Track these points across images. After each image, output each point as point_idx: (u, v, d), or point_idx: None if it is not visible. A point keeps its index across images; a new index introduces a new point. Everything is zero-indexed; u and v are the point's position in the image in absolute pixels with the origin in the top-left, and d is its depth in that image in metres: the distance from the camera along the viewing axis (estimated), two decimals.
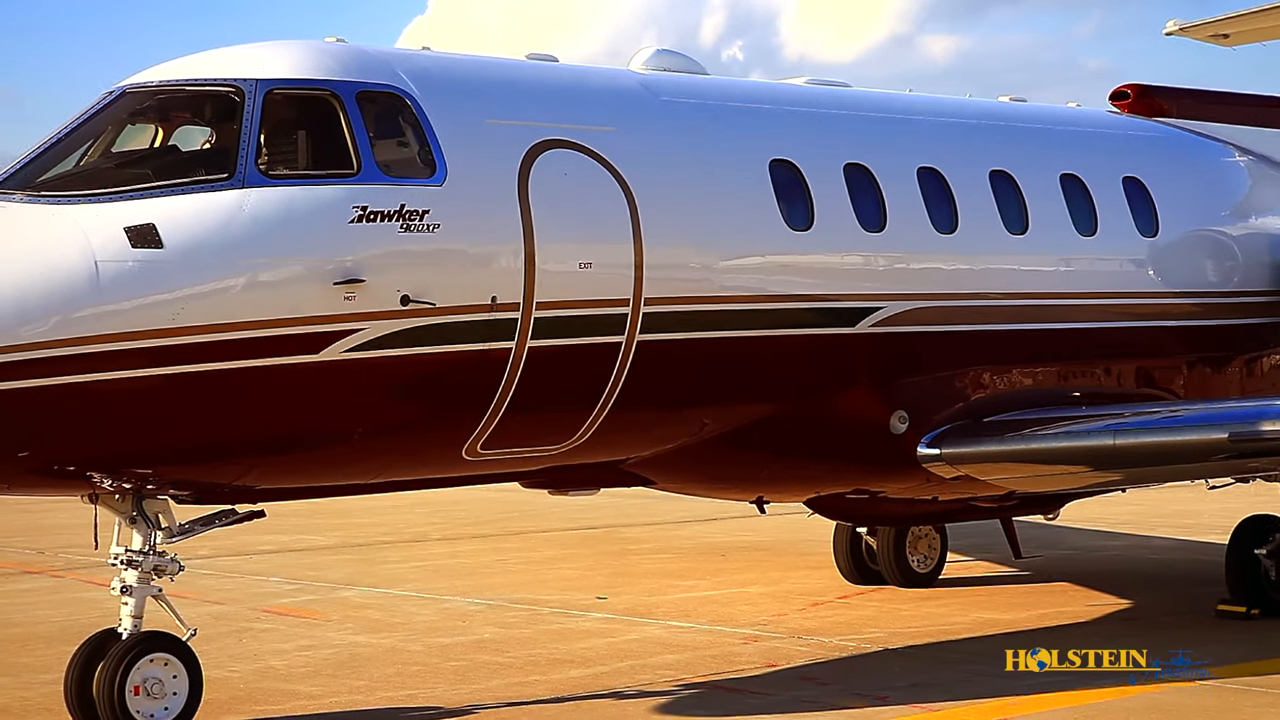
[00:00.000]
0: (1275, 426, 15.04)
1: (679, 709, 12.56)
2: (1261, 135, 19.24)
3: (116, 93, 12.30)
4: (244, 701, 12.74)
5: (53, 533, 21.77)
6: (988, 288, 15.67)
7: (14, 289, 10.80)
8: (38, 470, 11.37)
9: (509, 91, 13.47)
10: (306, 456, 12.34)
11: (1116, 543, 21.59)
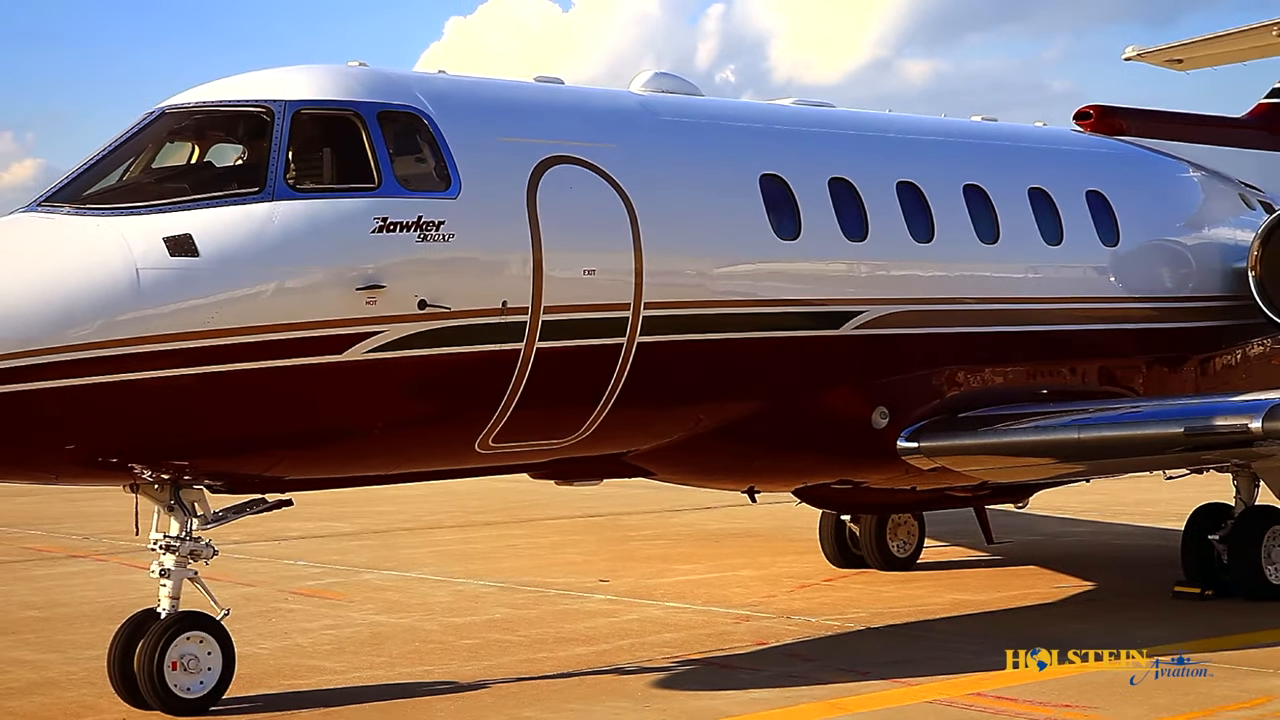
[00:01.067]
0: (1227, 422, 15.05)
1: (676, 684, 12.54)
2: (1212, 152, 19.24)
3: (156, 113, 12.33)
4: (273, 676, 12.72)
5: (97, 520, 21.76)
6: (962, 293, 15.68)
7: (62, 294, 10.84)
8: (83, 462, 11.39)
9: (518, 111, 13.48)
10: (331, 450, 12.34)
11: (1081, 529, 21.58)
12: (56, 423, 10.91)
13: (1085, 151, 18.19)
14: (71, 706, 11.90)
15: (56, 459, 11.34)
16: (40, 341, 10.68)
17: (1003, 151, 17.33)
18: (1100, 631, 14.34)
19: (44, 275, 10.94)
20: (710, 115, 15.24)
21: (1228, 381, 18.15)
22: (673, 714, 11.48)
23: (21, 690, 12.55)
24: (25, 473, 11.86)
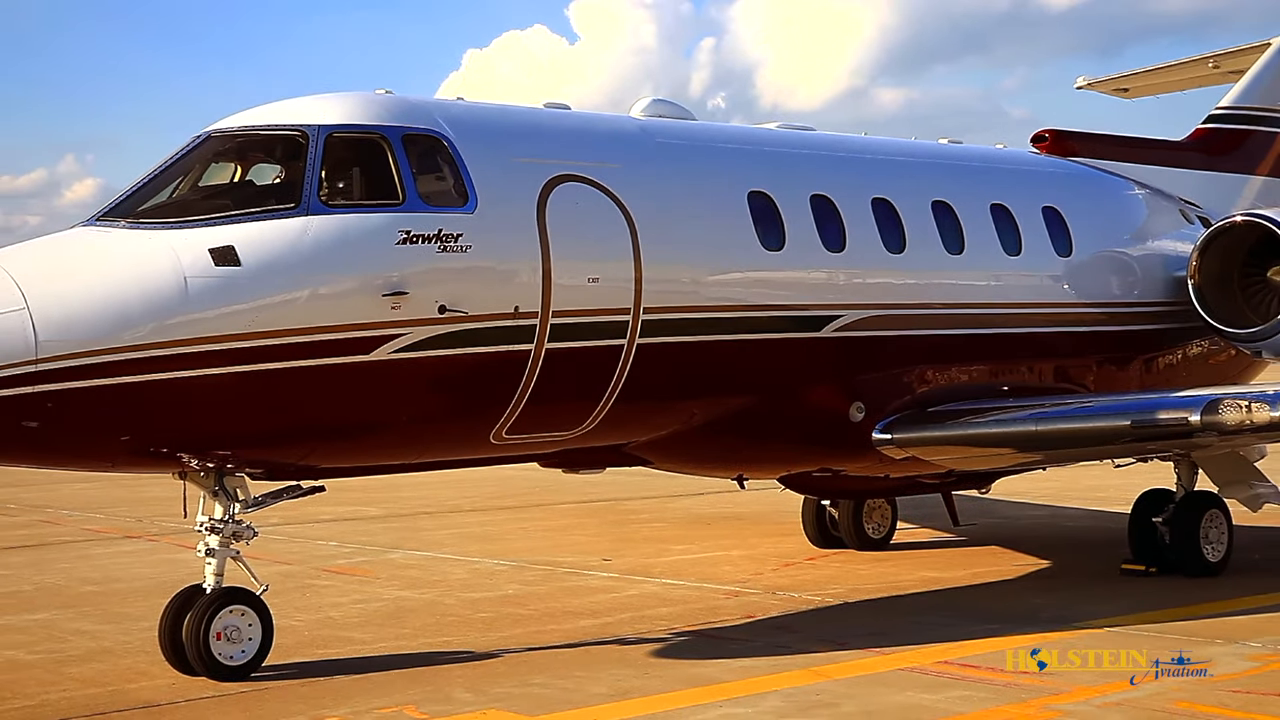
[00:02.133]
0: (1169, 415, 15.07)
1: (673, 653, 12.53)
2: (1155, 172, 19.24)
3: (202, 137, 12.34)
4: (307, 646, 12.71)
5: (149, 504, 21.75)
6: (931, 299, 15.67)
7: (117, 301, 10.90)
8: (136, 451, 11.41)
9: (529, 134, 13.47)
10: (360, 441, 12.35)
11: (1038, 512, 21.56)
12: (112, 417, 10.94)
13: (1041, 171, 18.18)
14: (126, 673, 11.90)
15: (112, 449, 11.37)
16: (98, 343, 10.72)
17: (967, 171, 17.33)
18: (1056, 605, 14.35)
19: (101, 283, 10.97)
20: (703, 138, 15.23)
21: (1170, 379, 18.13)
22: (670, 680, 11.47)
23: (81, 658, 12.57)
24: (85, 462, 11.87)
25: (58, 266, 11.08)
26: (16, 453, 11.27)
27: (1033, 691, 10.95)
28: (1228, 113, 20.81)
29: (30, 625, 13.99)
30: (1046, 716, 10.30)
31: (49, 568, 17.60)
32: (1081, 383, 17.20)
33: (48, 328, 10.56)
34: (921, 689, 11.11)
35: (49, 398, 10.60)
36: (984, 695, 10.92)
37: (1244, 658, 12.06)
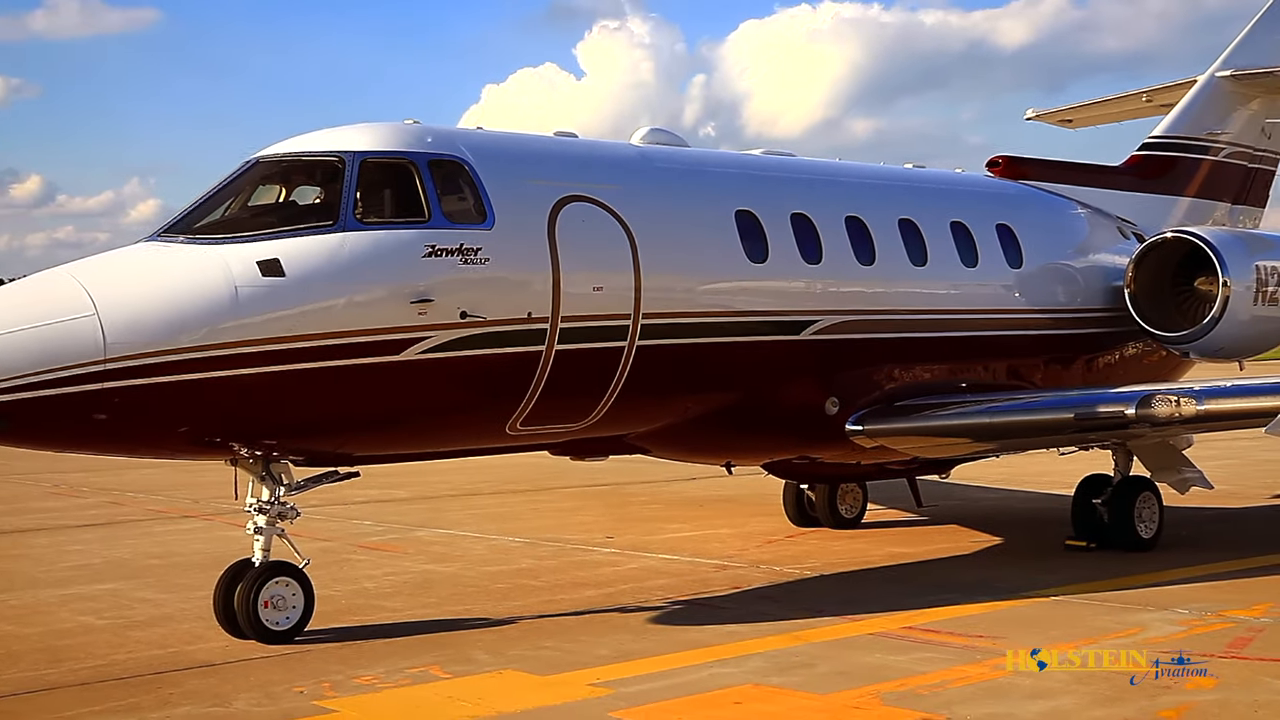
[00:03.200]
0: (1108, 409, 15.13)
1: (668, 619, 12.54)
2: (1096, 194, 19.23)
3: (251, 162, 12.35)
4: (344, 613, 12.71)
5: (204, 487, 21.75)
6: (897, 306, 15.67)
7: (176, 307, 10.93)
8: (193, 442, 11.45)
9: (540, 159, 13.47)
10: (390, 431, 12.35)
11: (992, 495, 21.56)
12: (172, 410, 10.97)
13: (995, 192, 18.17)
14: (185, 636, 11.93)
15: (172, 440, 11.41)
16: (159, 345, 10.74)
17: (929, 192, 17.32)
18: (1009, 576, 14.35)
19: (162, 291, 10.99)
20: (695, 162, 15.23)
21: (1108, 377, 18.13)
22: (665, 643, 11.48)
23: (146, 623, 12.60)
24: (147, 450, 11.89)
25: (124, 277, 11.11)
26: (87, 442, 11.31)
27: (985, 654, 10.97)
28: (1159, 141, 20.83)
29: (100, 594, 14.00)
30: (996, 675, 10.32)
31: (116, 543, 17.62)
32: (1031, 380, 17.20)
33: (115, 331, 10.59)
34: (888, 651, 11.13)
35: (116, 393, 10.63)
36: (943, 656, 10.95)
37: (1173, 622, 12.08)
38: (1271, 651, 10.99)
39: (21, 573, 15.46)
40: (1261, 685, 9.95)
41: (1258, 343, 18.77)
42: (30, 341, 10.45)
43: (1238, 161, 21.34)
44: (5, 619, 12.85)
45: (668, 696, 9.81)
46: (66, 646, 11.67)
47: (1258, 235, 19.96)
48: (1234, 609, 12.57)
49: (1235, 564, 15.07)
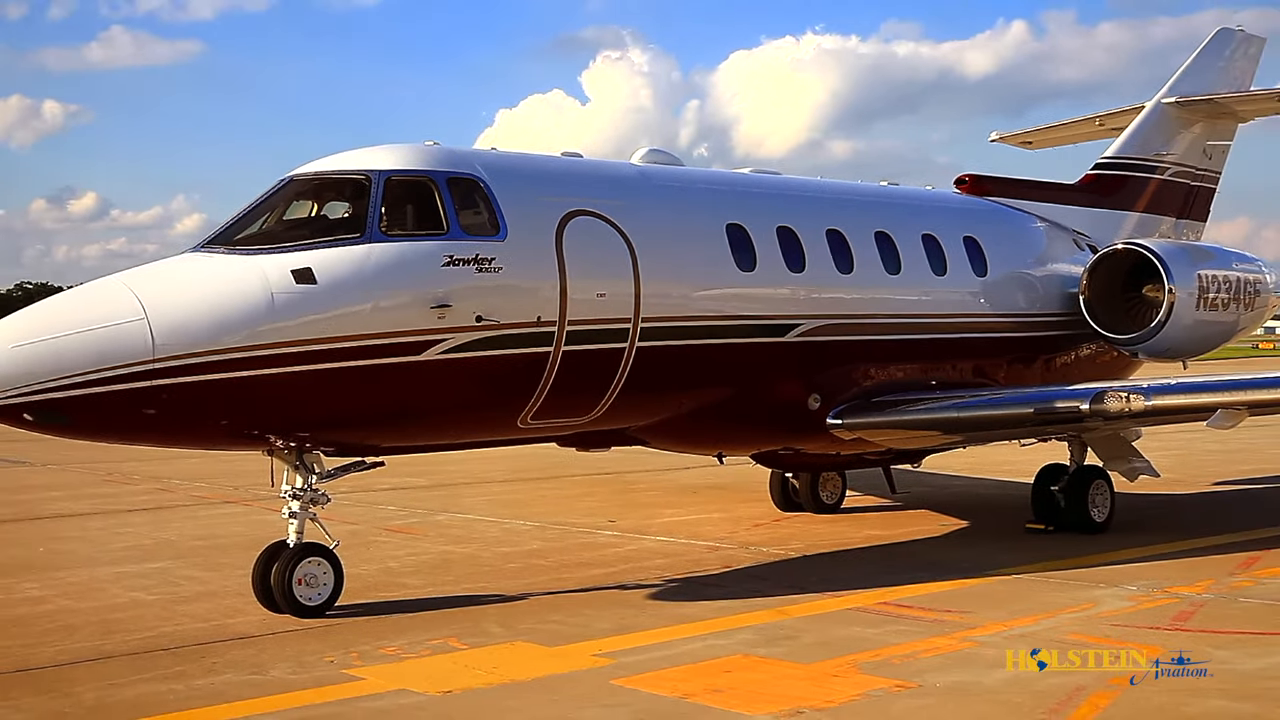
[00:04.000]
0: (1064, 404, 15.15)
1: (665, 596, 12.54)
2: (1054, 209, 19.24)
3: (286, 180, 12.34)
4: (371, 590, 12.72)
5: (244, 475, 21.73)
6: (874, 311, 15.66)
7: (218, 311, 10.94)
8: (233, 434, 11.44)
9: (549, 177, 13.46)
10: (412, 425, 12.34)
11: (959, 483, 21.56)
12: (214, 405, 10.97)
13: (962, 208, 18.17)
14: (227, 610, 11.93)
15: (214, 432, 11.41)
16: (203, 346, 10.75)
17: (902, 207, 17.31)
18: (974, 556, 14.36)
19: (205, 297, 10.99)
20: (689, 180, 15.23)
21: (1065, 376, 18.13)
22: (662, 618, 11.49)
23: (192, 597, 12.62)
24: (192, 442, 11.91)
25: (171, 284, 11.11)
26: (138, 434, 11.32)
27: (954, 627, 10.98)
28: (1110, 161, 20.84)
29: (149, 572, 14.00)
30: (963, 645, 10.34)
31: (164, 526, 17.61)
32: (994, 378, 17.20)
33: (162, 333, 10.60)
34: (865, 624, 11.15)
35: (164, 390, 10.64)
36: (915, 629, 10.96)
37: (1123, 598, 12.11)
38: (1212, 624, 11.01)
39: (78, 553, 15.46)
40: (1206, 656, 9.94)
41: (1200, 344, 18.83)
42: (86, 343, 10.47)
43: (1181, 180, 21.36)
44: (64, 595, 12.85)
45: (664, 666, 9.81)
46: (119, 620, 11.67)
47: (1200, 247, 20.00)
48: (1178, 586, 12.58)
49: (1180, 545, 15.07)
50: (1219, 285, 18.36)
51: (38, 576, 13.83)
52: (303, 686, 9.40)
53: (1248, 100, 21.54)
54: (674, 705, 8.82)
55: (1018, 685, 9.16)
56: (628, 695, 9.07)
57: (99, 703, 9.11)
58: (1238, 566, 13.69)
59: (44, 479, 23.65)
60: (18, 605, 12.38)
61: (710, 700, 8.89)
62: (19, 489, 22.26)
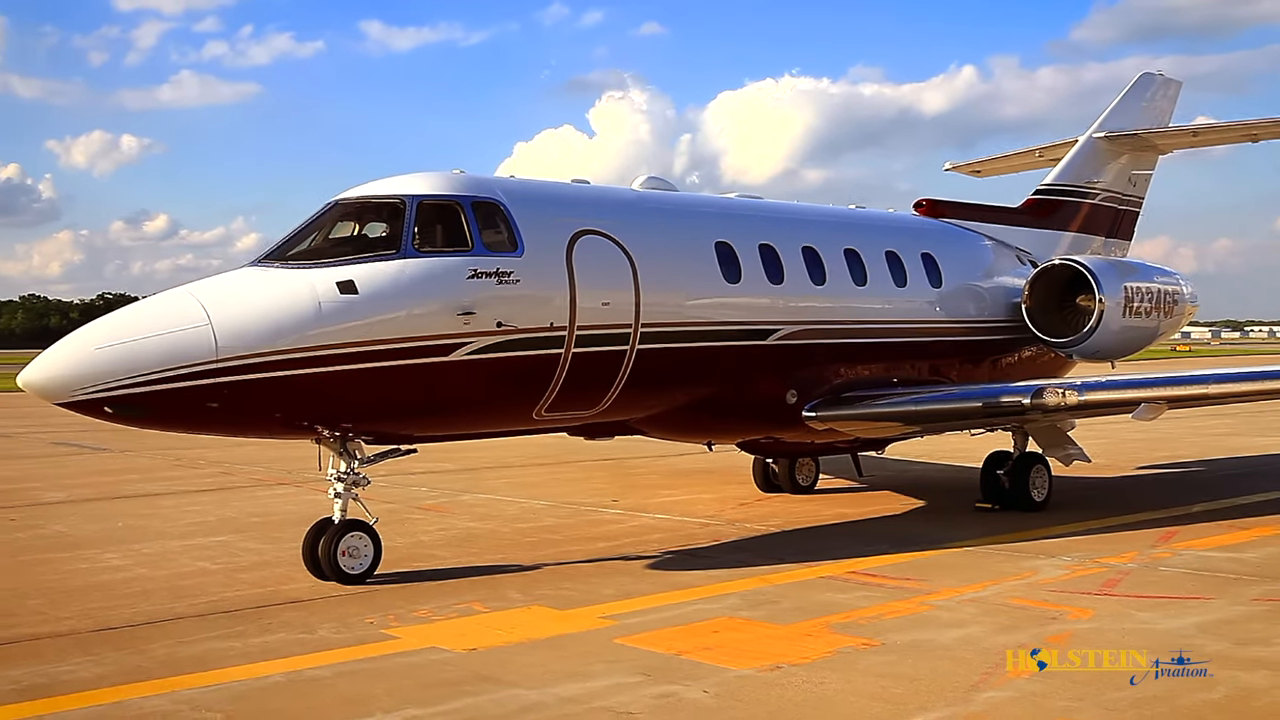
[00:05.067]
0: (1009, 399, 15.15)
1: (661, 566, 12.53)
2: (999, 229, 19.24)
3: (332, 203, 12.33)
4: (406, 561, 12.70)
5: (295, 460, 21.72)
6: (843, 318, 15.64)
7: (272, 318, 10.92)
8: (285, 425, 11.43)
9: (560, 201, 13.45)
10: (441, 417, 12.32)
11: (917, 467, 21.56)
12: (269, 400, 10.94)
13: (920, 228, 18.17)
14: (280, 577, 11.92)
15: (268, 423, 11.38)
16: (259, 348, 10.73)
17: (868, 227, 17.30)
18: (929, 531, 14.35)
19: (262, 306, 10.97)
20: (682, 203, 15.21)
21: (1009, 374, 18.14)
22: (659, 585, 11.48)
23: (250, 566, 12.61)
24: (249, 431, 11.87)
25: (231, 294, 11.09)
26: (202, 424, 11.30)
27: (912, 593, 10.97)
28: (1049, 188, 20.85)
29: (213, 545, 13.99)
30: (921, 609, 10.33)
31: (226, 505, 17.60)
32: (948, 376, 17.19)
33: (224, 337, 10.59)
34: (835, 590, 11.14)
35: (225, 386, 10.63)
36: (879, 595, 10.95)
37: (1059, 567, 12.10)
38: (1137, 590, 11.01)
39: (152, 528, 15.45)
40: (1129, 616, 9.97)
41: (1126, 347, 18.85)
42: (158, 346, 10.48)
43: (1110, 204, 21.36)
44: (140, 564, 12.84)
45: (660, 627, 9.81)
46: (187, 585, 11.67)
47: (1126, 262, 19.99)
48: (1107, 557, 12.58)
49: (1108, 521, 15.07)
50: (1142, 296, 18.37)
51: (117, 548, 13.83)
52: (346, 644, 9.39)
53: (1167, 135, 21.57)
54: (669, 660, 8.81)
55: (968, 644, 9.16)
56: (629, 652, 9.06)
57: (169, 657, 9.11)
58: (1158, 540, 13.69)
59: (122, 464, 23.64)
60: (100, 573, 12.38)
61: (700, 657, 8.88)
62: (101, 472, 22.26)
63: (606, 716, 7.62)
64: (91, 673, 8.72)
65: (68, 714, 7.84)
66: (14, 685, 8.45)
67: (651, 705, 7.81)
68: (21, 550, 13.85)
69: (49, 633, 9.90)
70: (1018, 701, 7.78)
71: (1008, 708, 7.68)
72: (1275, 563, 12.23)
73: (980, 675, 8.34)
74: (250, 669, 8.75)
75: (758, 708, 7.75)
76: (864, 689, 8.07)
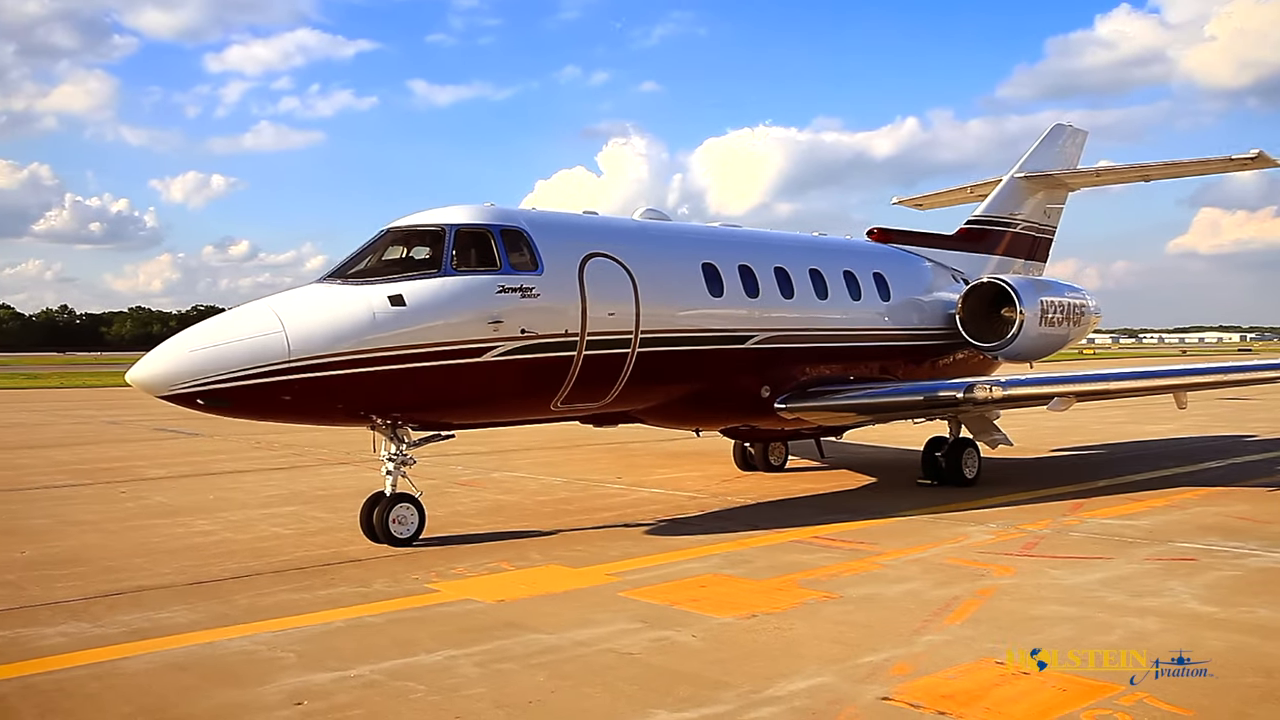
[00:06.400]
0: (945, 393, 15.16)
1: (657, 531, 12.51)
2: (938, 253, 19.23)
3: (384, 230, 12.31)
4: (445, 527, 12.69)
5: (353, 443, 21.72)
6: (808, 326, 15.63)
7: (334, 326, 10.91)
8: (345, 414, 11.40)
9: (573, 228, 13.44)
10: (474, 408, 12.30)
11: (870, 450, 21.54)
12: (332, 393, 10.93)
13: (872, 251, 18.15)
14: (342, 541, 11.89)
15: (332, 412, 11.36)
16: (324, 351, 10.73)
17: (829, 251, 17.28)
18: (879, 503, 14.34)
19: (326, 316, 10.97)
20: (675, 231, 15.19)
21: (946, 373, 18.13)
22: (655, 547, 11.47)
23: (316, 532, 12.56)
24: (316, 420, 11.83)
25: (301, 306, 11.07)
26: (277, 414, 11.26)
27: (865, 554, 10.96)
28: (978, 218, 20.84)
29: (286, 513, 13.98)
30: (873, 568, 10.31)
31: (297, 481, 17.59)
32: (895, 374, 17.19)
33: (295, 341, 10.59)
34: (801, 552, 11.13)
35: (296, 382, 10.63)
36: (838, 556, 10.94)
37: (986, 533, 12.08)
38: (1050, 551, 11.00)
39: (236, 499, 15.45)
40: (1044, 574, 9.97)
41: (1042, 350, 18.85)
42: (241, 349, 10.49)
43: (1029, 232, 21.35)
44: (226, 529, 12.84)
45: (656, 582, 9.80)
46: (265, 547, 11.66)
47: (1042, 280, 19.97)
48: (1026, 524, 12.57)
49: (1028, 494, 15.06)
50: (1056, 308, 18.37)
51: (208, 515, 13.83)
52: (396, 596, 9.39)
53: (1075, 175, 21.58)
54: (663, 610, 8.81)
55: (911, 597, 9.15)
56: (630, 603, 9.06)
57: (251, 606, 9.11)
58: (1068, 510, 13.68)
59: (212, 446, 23.63)
60: (194, 537, 12.38)
61: (689, 607, 8.88)
62: (195, 453, 22.26)
63: (611, 656, 7.62)
64: (187, 618, 8.74)
65: (169, 652, 7.86)
66: (125, 628, 8.48)
67: (649, 647, 7.81)
68: (129, 517, 13.85)
69: (152, 585, 9.91)
70: (951, 644, 7.79)
71: (943, 648, 7.69)
72: (1163, 529, 12.23)
73: (921, 622, 8.34)
74: (317, 616, 8.76)
75: (737, 649, 7.76)
76: (825, 634, 8.07)
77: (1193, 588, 9.36)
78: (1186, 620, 8.33)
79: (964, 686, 6.91)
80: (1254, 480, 16.42)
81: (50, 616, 8.83)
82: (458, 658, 7.62)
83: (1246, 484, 16.01)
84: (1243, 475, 17.06)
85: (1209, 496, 14.75)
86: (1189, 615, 8.48)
